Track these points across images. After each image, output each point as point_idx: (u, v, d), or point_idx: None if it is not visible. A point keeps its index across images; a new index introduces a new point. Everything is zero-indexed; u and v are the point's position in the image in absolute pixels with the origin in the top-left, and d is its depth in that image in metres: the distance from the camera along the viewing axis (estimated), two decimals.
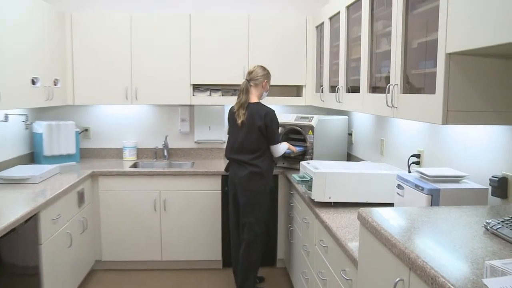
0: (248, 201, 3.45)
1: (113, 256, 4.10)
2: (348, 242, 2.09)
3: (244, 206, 3.48)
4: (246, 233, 3.48)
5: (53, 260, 3.02)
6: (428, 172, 2.14)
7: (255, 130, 3.41)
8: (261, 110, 3.43)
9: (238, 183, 3.48)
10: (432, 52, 1.91)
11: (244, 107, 3.44)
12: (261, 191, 3.46)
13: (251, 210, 3.45)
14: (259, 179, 3.44)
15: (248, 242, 3.48)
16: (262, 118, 3.39)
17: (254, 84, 3.49)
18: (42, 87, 3.65)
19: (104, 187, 4.01)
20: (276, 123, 3.47)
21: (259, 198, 3.46)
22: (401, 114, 2.25)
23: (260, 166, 3.43)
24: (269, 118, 3.41)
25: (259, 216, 3.47)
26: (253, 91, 3.50)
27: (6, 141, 3.82)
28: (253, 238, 3.48)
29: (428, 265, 1.24)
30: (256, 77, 3.49)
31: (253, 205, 3.45)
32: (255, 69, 3.52)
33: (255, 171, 3.42)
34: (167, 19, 4.24)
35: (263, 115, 3.40)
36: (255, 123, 3.40)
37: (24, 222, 2.57)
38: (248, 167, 3.43)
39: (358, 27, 2.94)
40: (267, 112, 3.42)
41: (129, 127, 4.70)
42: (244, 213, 3.49)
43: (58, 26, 4.03)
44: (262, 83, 3.50)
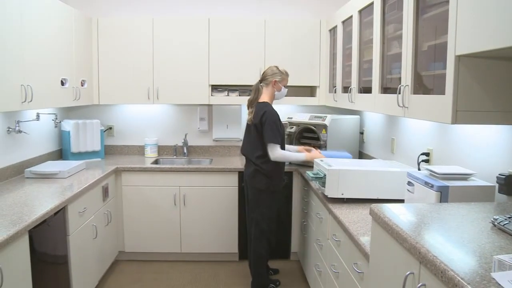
0: (253, 198, 3.50)
1: (135, 247, 4.24)
2: (360, 236, 2.12)
3: (250, 202, 3.55)
4: (253, 228, 3.54)
5: (80, 250, 3.13)
6: (438, 170, 2.17)
7: (255, 129, 3.41)
8: (261, 108, 3.39)
9: (246, 180, 3.57)
10: (442, 54, 1.95)
11: (251, 105, 3.48)
12: (264, 190, 3.44)
13: (257, 207, 3.49)
14: (263, 178, 3.42)
15: (254, 237, 3.53)
16: (259, 117, 3.35)
17: (265, 84, 3.49)
18: (70, 87, 3.80)
19: (127, 182, 4.15)
20: (271, 122, 3.33)
21: (263, 196, 3.46)
22: (412, 114, 2.29)
23: (261, 165, 3.41)
24: (265, 117, 3.33)
25: (264, 213, 3.47)
26: (264, 91, 3.49)
27: (37, 138, 3.98)
28: (259, 234, 3.51)
29: (438, 259, 1.26)
30: (266, 76, 3.49)
31: (257, 202, 3.48)
32: (266, 69, 3.54)
33: (257, 169, 3.43)
34: (187, 23, 4.36)
35: (262, 113, 3.35)
36: (254, 121, 3.40)
37: (53, 214, 2.68)
38: (252, 165, 3.47)
39: (370, 30, 3.00)
40: (265, 111, 3.35)
41: (151, 126, 4.85)
42: (250, 209, 3.56)
43: (85, 31, 4.19)
44: (271, 82, 3.47)
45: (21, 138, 3.67)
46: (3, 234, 2.10)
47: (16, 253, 2.23)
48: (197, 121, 4.84)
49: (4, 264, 2.06)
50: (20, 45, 2.94)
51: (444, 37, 1.93)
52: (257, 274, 3.61)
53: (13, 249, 2.18)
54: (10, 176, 3.45)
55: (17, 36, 2.90)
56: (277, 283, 3.78)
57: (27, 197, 2.89)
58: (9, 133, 3.46)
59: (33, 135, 3.89)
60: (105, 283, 3.80)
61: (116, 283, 3.83)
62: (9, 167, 3.44)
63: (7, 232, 2.14)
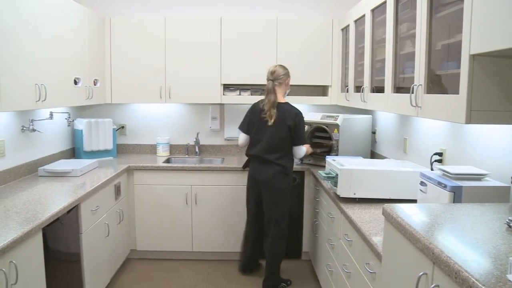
0: (274, 198, 3.56)
1: (146, 246, 4.27)
2: (372, 236, 2.12)
3: (268, 203, 3.58)
4: (272, 228, 3.59)
5: (92, 248, 3.16)
6: (451, 170, 2.15)
7: (285, 130, 3.48)
8: (291, 110, 3.52)
9: (263, 182, 3.57)
10: (456, 53, 1.94)
11: (275, 106, 3.50)
12: (285, 189, 3.56)
13: (276, 207, 3.56)
14: (283, 177, 3.54)
15: (275, 237, 3.60)
16: (293, 119, 3.48)
17: (279, 83, 3.56)
18: (83, 87, 3.84)
19: (139, 181, 4.17)
20: (304, 124, 3.59)
21: (284, 195, 3.57)
22: (425, 114, 2.27)
23: (285, 165, 3.54)
24: (298, 119, 3.51)
25: (284, 212, 3.59)
26: (279, 90, 3.56)
27: (51, 137, 4.02)
28: (280, 234, 3.61)
29: (452, 259, 1.25)
30: (279, 76, 3.56)
31: (278, 202, 3.56)
32: (276, 69, 3.58)
33: (280, 170, 3.51)
34: (199, 22, 4.38)
35: (294, 115, 3.49)
36: (286, 123, 3.48)
37: (66, 212, 2.71)
38: (274, 166, 3.52)
39: (382, 30, 2.98)
40: (297, 113, 3.51)
41: (163, 125, 4.87)
42: (270, 210, 3.59)
43: (98, 30, 4.22)
44: (285, 81, 3.59)
45: (35, 137, 3.71)
46: (17, 232, 2.13)
47: (30, 250, 2.25)
48: (209, 120, 4.86)
49: (18, 261, 2.08)
50: (34, 44, 2.97)
51: (458, 36, 1.91)
52: (273, 274, 3.67)
53: (27, 247, 2.20)
54: (24, 174, 3.49)
55: (31, 36, 2.94)
56: (288, 283, 3.79)
57: (40, 195, 2.92)
58: (23, 132, 3.50)
59: (47, 134, 3.93)
60: (116, 281, 3.83)
61: (128, 281, 3.86)
62: (23, 165, 3.48)
63: (22, 230, 2.16)
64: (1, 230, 2.17)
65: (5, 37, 2.58)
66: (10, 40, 2.66)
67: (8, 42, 2.63)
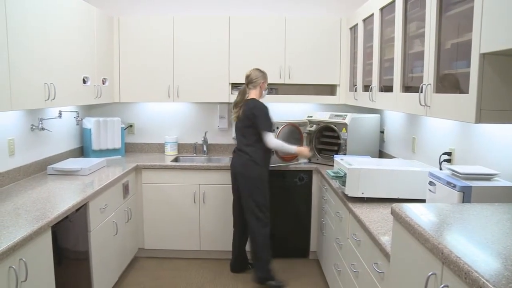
0: (245, 187, 3.69)
1: (154, 244, 4.29)
2: (380, 236, 2.11)
3: (242, 192, 3.73)
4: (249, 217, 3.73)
5: (100, 246, 3.18)
6: (460, 170, 2.14)
7: (245, 121, 3.65)
8: (251, 102, 3.68)
9: (237, 170, 3.73)
10: (465, 52, 1.92)
11: (237, 106, 3.74)
12: (257, 178, 3.67)
13: (249, 196, 3.68)
14: (255, 166, 3.65)
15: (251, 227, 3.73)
16: (250, 109, 3.63)
17: (253, 86, 3.74)
18: (91, 86, 3.86)
19: (147, 179, 4.19)
20: (264, 114, 3.62)
21: (256, 184, 3.67)
22: (434, 113, 2.27)
23: (253, 156, 3.65)
24: (256, 108, 3.62)
25: (258, 201, 3.67)
26: (251, 92, 3.75)
27: (59, 135, 4.05)
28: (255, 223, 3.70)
29: (461, 260, 1.24)
30: (254, 79, 3.72)
31: (250, 190, 3.67)
32: (251, 73, 3.76)
33: (249, 159, 3.65)
34: (207, 21, 4.38)
35: (252, 106, 3.64)
36: (247, 115, 3.64)
37: (75, 211, 2.72)
38: (243, 155, 3.68)
39: (391, 29, 2.97)
40: (256, 104, 3.65)
41: (171, 124, 4.89)
42: (243, 198, 3.73)
43: (107, 29, 4.24)
44: (259, 84, 3.73)
45: (44, 136, 3.73)
46: (27, 230, 2.15)
47: (40, 248, 2.27)
48: (217, 119, 4.87)
49: (28, 259, 2.10)
50: (43, 44, 2.99)
51: (468, 35, 1.90)
52: (258, 266, 3.73)
53: (36, 244, 2.22)
54: (33, 173, 3.51)
55: (41, 35, 2.96)
56: (281, 284, 3.73)
57: (49, 193, 2.94)
58: (32, 131, 3.53)
59: (56, 133, 3.96)
60: (124, 280, 3.85)
61: (136, 279, 3.87)
62: (32, 164, 3.51)
63: (31, 228, 2.18)
64: (11, 227, 2.18)
65: (15, 37, 2.60)
66: (20, 40, 2.68)
67: (18, 41, 2.65)
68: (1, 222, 2.27)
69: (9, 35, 2.54)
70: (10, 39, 2.55)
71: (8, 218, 2.35)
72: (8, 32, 2.53)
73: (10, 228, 2.17)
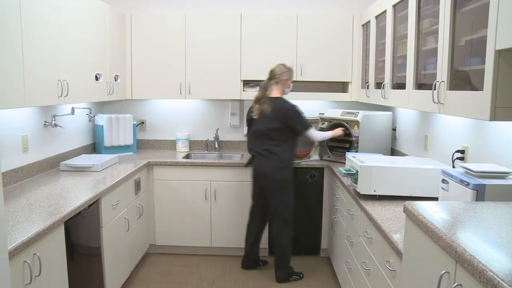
0: (273, 189, 3.65)
1: (165, 241, 4.31)
2: (392, 234, 2.10)
3: (269, 194, 3.69)
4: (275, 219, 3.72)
5: (112, 242, 3.20)
6: (474, 168, 2.12)
7: (275, 123, 3.56)
8: (280, 104, 3.59)
9: (262, 172, 3.67)
10: (480, 49, 1.90)
11: (259, 102, 3.65)
12: (285, 179, 3.63)
13: (277, 197, 3.64)
14: (283, 168, 3.61)
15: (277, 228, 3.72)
16: (282, 112, 3.56)
17: (275, 82, 3.65)
18: (104, 82, 3.89)
19: (159, 176, 4.21)
20: (298, 113, 3.60)
21: (284, 185, 3.63)
22: (448, 111, 2.25)
23: (282, 157, 3.59)
24: (289, 111, 3.57)
25: (285, 202, 3.65)
26: (274, 88, 3.67)
27: (72, 132, 4.08)
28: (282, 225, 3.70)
29: (475, 258, 1.22)
30: (275, 75, 3.65)
31: (278, 192, 3.64)
32: (275, 68, 3.68)
33: (277, 161, 3.59)
34: (219, 18, 4.39)
35: (283, 109, 3.57)
36: (277, 116, 3.55)
37: (87, 206, 2.75)
38: (269, 157, 3.61)
39: (404, 25, 2.95)
40: (286, 107, 3.58)
41: (182, 120, 4.90)
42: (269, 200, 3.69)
43: (119, 26, 4.26)
44: (282, 80, 3.64)
45: (57, 132, 3.77)
46: (40, 225, 2.17)
47: (53, 243, 2.29)
48: (229, 116, 4.87)
49: (42, 254, 2.13)
50: (56, 41, 3.01)
51: (483, 31, 1.88)
52: (282, 265, 3.74)
53: (50, 240, 2.24)
54: (46, 169, 3.55)
55: (54, 33, 2.98)
56: (301, 275, 3.84)
57: (62, 189, 2.97)
58: (45, 127, 3.56)
59: (68, 129, 3.99)
60: (136, 275, 3.87)
61: (147, 275, 3.90)
62: (45, 160, 3.54)
63: (45, 223, 2.21)
64: (25, 223, 2.21)
65: (28, 35, 2.63)
66: (33, 37, 2.70)
67: (32, 39, 2.67)
68: (15, 217, 2.30)
69: (24, 33, 2.57)
70: (24, 36, 2.58)
71: (22, 214, 2.38)
72: (23, 29, 2.56)
73: (24, 223, 2.20)
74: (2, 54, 2.37)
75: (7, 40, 2.42)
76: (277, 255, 3.77)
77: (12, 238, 1.97)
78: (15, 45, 2.50)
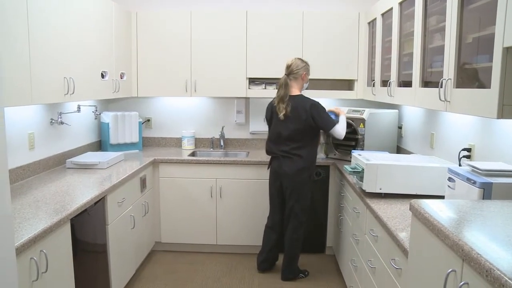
0: (295, 191, 3.59)
1: (171, 238, 4.32)
2: (398, 232, 2.10)
3: (289, 195, 3.62)
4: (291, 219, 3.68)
5: (118, 239, 3.22)
6: (480, 166, 2.10)
7: (299, 123, 3.49)
8: (303, 103, 3.50)
9: (284, 174, 3.59)
10: (487, 46, 1.89)
11: (283, 101, 3.52)
12: (307, 182, 3.58)
13: (297, 199, 3.60)
14: (305, 170, 3.55)
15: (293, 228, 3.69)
16: (306, 112, 3.46)
17: (294, 78, 3.56)
18: (110, 80, 3.89)
19: (164, 173, 4.21)
20: (322, 112, 3.51)
21: (305, 188, 3.59)
22: (454, 108, 2.24)
23: (304, 158, 3.54)
24: (315, 110, 3.47)
25: (304, 204, 3.63)
26: (293, 84, 3.57)
27: (78, 130, 4.10)
28: (298, 225, 3.68)
29: (482, 257, 1.22)
30: (295, 70, 3.55)
31: (299, 194, 3.59)
32: (293, 62, 3.57)
33: (299, 162, 3.53)
34: (224, 16, 4.38)
35: (308, 108, 3.47)
36: (301, 116, 3.48)
37: (93, 204, 2.76)
38: (292, 158, 3.54)
39: (410, 23, 2.94)
40: (312, 104, 3.48)
41: (188, 118, 4.91)
42: (289, 202, 3.63)
43: (125, 24, 4.27)
44: (301, 75, 3.56)
45: (63, 129, 3.78)
46: (47, 222, 2.18)
47: (59, 240, 2.30)
48: (234, 114, 4.87)
49: (48, 251, 2.14)
50: (63, 38, 3.02)
51: (491, 28, 1.87)
52: (291, 264, 3.74)
53: (56, 237, 2.26)
54: (52, 166, 3.57)
55: (60, 30, 2.99)
56: (306, 273, 3.85)
57: (68, 186, 2.98)
58: (52, 125, 3.58)
59: (74, 127, 4.00)
60: (141, 272, 3.89)
61: (153, 272, 3.91)
62: (51, 158, 3.55)
63: (51, 220, 2.22)
64: (31, 220, 2.22)
65: (35, 32, 2.63)
66: (40, 35, 2.71)
67: (38, 37, 2.68)
68: (22, 214, 2.31)
69: (30, 31, 2.57)
70: (31, 34, 2.58)
71: (29, 211, 2.39)
72: (30, 27, 2.56)
73: (30, 220, 2.21)
74: (8, 52, 2.38)
75: (14, 37, 2.43)
76: (287, 254, 3.74)
77: (19, 235, 1.99)
78: (22, 43, 2.51)
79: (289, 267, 3.76)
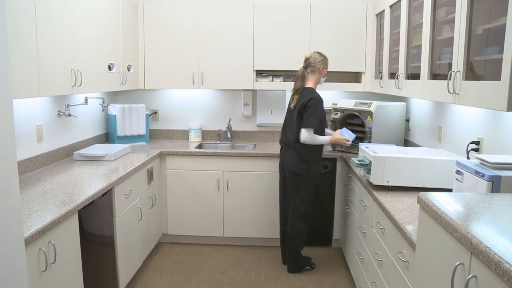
0: (292, 182, 3.61)
1: (178, 230, 4.34)
2: (405, 225, 2.09)
3: (288, 186, 3.65)
4: (290, 211, 3.69)
5: (125, 231, 3.24)
6: (489, 159, 2.07)
7: (297, 114, 3.50)
8: (308, 94, 3.49)
9: (285, 164, 3.64)
10: (498, 38, 1.87)
11: (298, 93, 3.55)
12: (304, 175, 3.56)
13: (295, 191, 3.61)
14: (302, 163, 3.55)
15: (292, 220, 3.68)
16: (304, 101, 3.45)
17: (311, 71, 3.56)
18: (117, 72, 3.90)
19: (171, 166, 4.22)
20: (316, 109, 3.43)
21: (302, 180, 3.58)
22: (463, 101, 2.21)
23: (301, 152, 3.53)
24: (310, 102, 3.43)
25: (302, 196, 3.61)
26: (310, 77, 3.58)
27: (85, 122, 4.11)
28: (297, 217, 3.67)
29: (491, 250, 1.21)
30: (313, 63, 3.55)
31: (296, 186, 3.59)
32: (311, 56, 3.57)
33: (297, 155, 3.54)
34: (231, 8, 4.36)
35: (308, 99, 3.45)
36: (298, 107, 3.49)
37: (101, 196, 2.78)
38: (291, 150, 3.57)
39: (419, 15, 2.91)
40: (312, 97, 3.45)
41: (195, 110, 4.91)
42: (289, 193, 3.67)
43: (132, 16, 4.26)
44: (319, 69, 3.56)
45: (70, 122, 3.80)
46: (55, 213, 2.20)
47: (67, 231, 2.32)
48: (241, 106, 4.86)
49: (56, 241, 2.16)
50: (70, 31, 3.02)
51: (502, 19, 1.84)
52: (293, 256, 3.75)
53: (64, 228, 2.27)
54: (60, 158, 3.58)
55: (68, 22, 2.99)
56: (313, 266, 3.85)
57: (76, 178, 3.00)
58: (59, 117, 3.59)
59: (81, 119, 4.02)
60: (148, 264, 3.91)
61: (160, 264, 3.93)
62: (59, 149, 3.57)
63: (59, 212, 2.23)
64: (40, 211, 2.24)
65: (42, 25, 2.64)
66: (48, 27, 2.71)
67: (46, 29, 2.69)
68: (30, 206, 2.33)
69: (38, 23, 2.58)
70: (38, 27, 2.59)
71: (37, 202, 2.41)
72: (37, 19, 2.57)
73: (39, 212, 2.23)
74: (16, 44, 2.38)
75: (21, 30, 2.43)
76: (289, 246, 3.76)
77: (27, 226, 2.00)
78: (30, 36, 2.52)
79: (291, 260, 3.77)
